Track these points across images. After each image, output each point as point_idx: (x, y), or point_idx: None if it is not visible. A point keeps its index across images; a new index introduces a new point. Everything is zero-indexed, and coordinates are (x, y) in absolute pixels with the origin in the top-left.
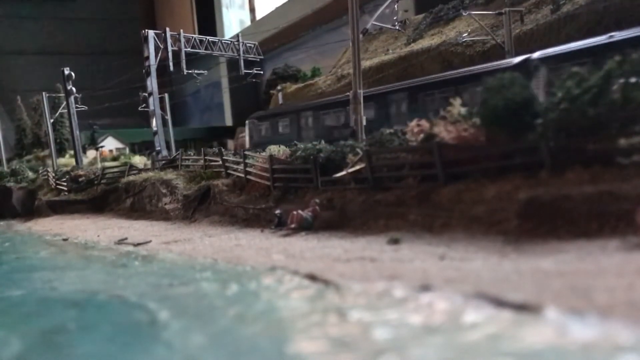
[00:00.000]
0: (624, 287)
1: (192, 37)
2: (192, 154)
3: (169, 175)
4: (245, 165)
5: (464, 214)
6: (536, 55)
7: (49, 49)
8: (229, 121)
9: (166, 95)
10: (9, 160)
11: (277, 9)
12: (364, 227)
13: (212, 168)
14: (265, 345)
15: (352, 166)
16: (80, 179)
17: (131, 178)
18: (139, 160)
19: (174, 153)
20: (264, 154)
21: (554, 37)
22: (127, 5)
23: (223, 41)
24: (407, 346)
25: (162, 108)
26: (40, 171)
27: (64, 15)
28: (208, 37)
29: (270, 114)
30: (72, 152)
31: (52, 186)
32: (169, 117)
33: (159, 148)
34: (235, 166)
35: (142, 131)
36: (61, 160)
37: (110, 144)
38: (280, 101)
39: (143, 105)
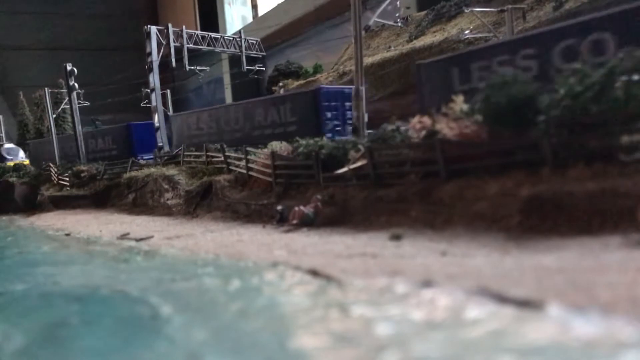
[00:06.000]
0: (626, 284)
1: (195, 33)
2: (194, 149)
3: (171, 170)
4: (247, 161)
5: (466, 210)
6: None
7: (52, 44)
8: None
9: (168, 91)
10: None
11: (279, 5)
12: (365, 223)
13: (214, 164)
14: (268, 341)
15: (354, 162)
16: (82, 174)
17: (133, 174)
18: None
19: (175, 149)
20: (265, 150)
21: None
22: (130, 0)
23: (225, 37)
24: (409, 342)
25: (164, 104)
26: (43, 166)
27: (66, 11)
28: (210, 34)
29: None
30: None
31: (55, 181)
32: (171, 113)
33: (161, 144)
34: (237, 162)
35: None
36: None
37: None
38: None
39: (145, 101)
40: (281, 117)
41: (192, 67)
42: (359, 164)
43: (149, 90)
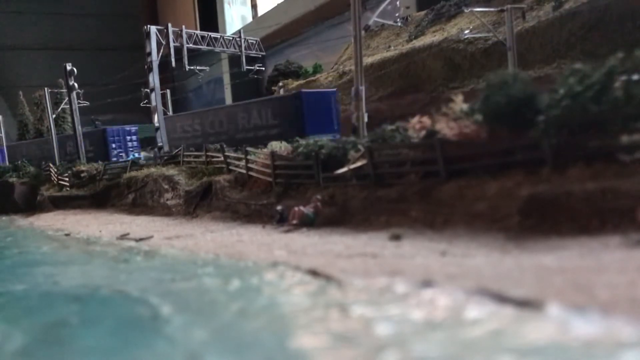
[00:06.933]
0: (626, 284)
1: (194, 33)
2: (193, 149)
3: (171, 171)
4: (247, 161)
5: (466, 210)
6: None
7: (51, 44)
8: None
9: (168, 91)
10: None
11: (279, 5)
12: (365, 223)
13: (213, 164)
14: (268, 340)
15: (354, 162)
16: (82, 175)
17: (133, 174)
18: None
19: (175, 149)
20: (265, 150)
21: (556, 34)
22: (130, 0)
23: (225, 37)
24: (409, 342)
25: (164, 104)
26: (42, 166)
27: (65, 11)
28: (210, 33)
29: None
30: None
31: (54, 181)
32: (170, 113)
33: (160, 144)
34: (237, 162)
35: (144, 127)
36: None
37: None
38: None
39: (145, 101)
40: (85, 147)
41: (192, 67)
42: (358, 164)
43: (148, 90)
